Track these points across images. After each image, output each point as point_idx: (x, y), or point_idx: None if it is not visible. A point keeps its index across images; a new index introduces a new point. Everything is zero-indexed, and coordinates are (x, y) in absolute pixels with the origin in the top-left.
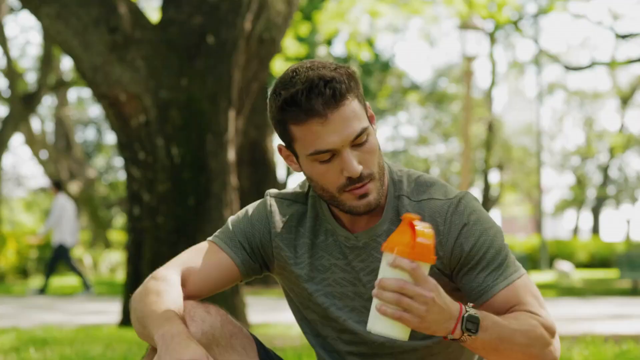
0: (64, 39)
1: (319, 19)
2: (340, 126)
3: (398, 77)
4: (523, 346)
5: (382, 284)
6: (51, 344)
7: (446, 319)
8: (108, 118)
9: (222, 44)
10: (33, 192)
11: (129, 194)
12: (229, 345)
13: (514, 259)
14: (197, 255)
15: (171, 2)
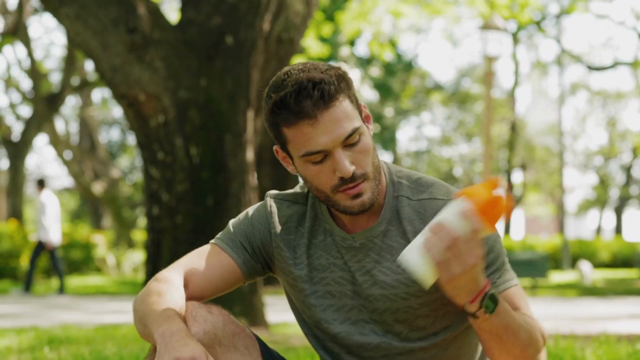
0: (83, 40)
1: (342, 20)
2: (331, 127)
3: (421, 77)
4: (523, 343)
5: (442, 226)
6: (67, 343)
7: (472, 289)
8: (127, 118)
9: (240, 45)
10: (58, 192)
11: (147, 193)
12: (231, 344)
13: (510, 267)
14: (199, 257)
15: (190, 3)
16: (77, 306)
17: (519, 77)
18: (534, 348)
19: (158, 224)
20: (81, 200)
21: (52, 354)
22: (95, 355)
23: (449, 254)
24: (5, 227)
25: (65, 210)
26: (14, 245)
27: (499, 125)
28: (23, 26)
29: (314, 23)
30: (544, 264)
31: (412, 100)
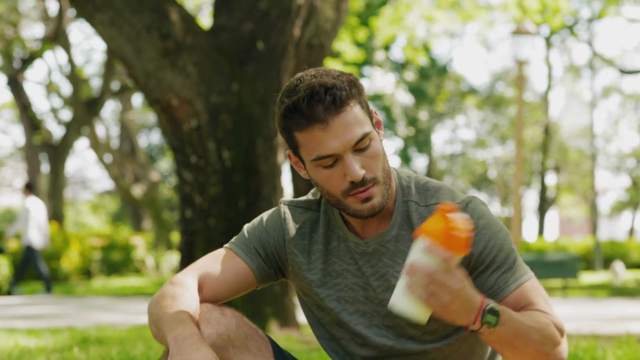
0: (117, 46)
1: (376, 25)
2: (341, 131)
3: (456, 81)
4: (536, 343)
5: (414, 267)
6: (99, 344)
7: (468, 310)
8: (160, 123)
9: (271, 50)
10: (99, 195)
11: (181, 196)
12: (244, 346)
13: (522, 261)
14: (213, 261)
15: (222, 9)
16: (115, 307)
17: (552, 81)
18: (549, 344)
19: (191, 227)
20: (122, 203)
21: (81, 354)
22: (123, 356)
23: (432, 288)
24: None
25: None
26: (55, 247)
27: (533, 128)
28: (63, 32)
29: (349, 28)
30: (574, 265)
31: (447, 104)
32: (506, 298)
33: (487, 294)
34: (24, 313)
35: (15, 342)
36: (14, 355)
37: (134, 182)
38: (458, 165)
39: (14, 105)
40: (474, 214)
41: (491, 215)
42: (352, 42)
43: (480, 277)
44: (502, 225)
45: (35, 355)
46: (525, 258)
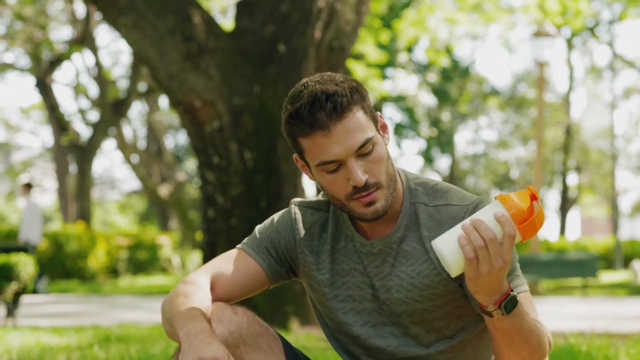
0: (141, 48)
1: (399, 27)
2: (344, 137)
3: (478, 82)
4: (531, 347)
5: (479, 225)
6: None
7: (494, 290)
8: (183, 124)
9: (292, 52)
10: (126, 195)
11: (203, 196)
12: (255, 344)
13: (520, 272)
14: (226, 261)
15: (244, 12)
16: (140, 305)
17: (573, 82)
18: (540, 353)
19: (213, 226)
20: (149, 203)
21: (101, 352)
22: (142, 354)
23: (480, 252)
24: (73, 228)
25: (134, 213)
26: (82, 246)
27: (554, 129)
28: (90, 35)
29: (372, 30)
30: (594, 264)
31: (470, 105)
32: None
33: None
34: (50, 311)
35: (36, 340)
36: (34, 353)
37: (161, 182)
38: (480, 166)
39: (42, 107)
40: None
41: None
42: (375, 44)
43: None
44: None
45: (56, 353)
46: (546, 257)
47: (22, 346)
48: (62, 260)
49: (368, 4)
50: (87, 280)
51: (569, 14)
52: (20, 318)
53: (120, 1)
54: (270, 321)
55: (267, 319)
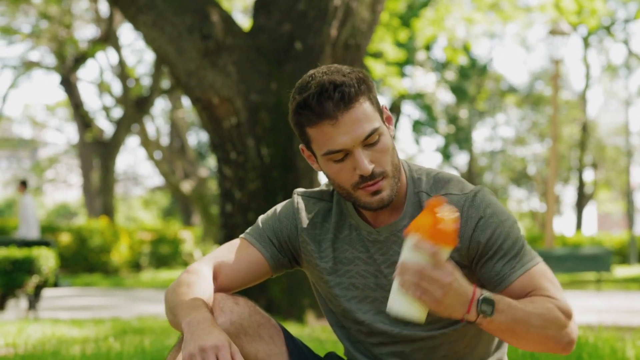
0: (160, 46)
1: (417, 26)
2: (351, 127)
3: (496, 80)
4: (539, 328)
5: (404, 266)
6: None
7: (462, 302)
8: (202, 120)
9: (309, 50)
10: (150, 191)
11: (221, 191)
12: (256, 334)
13: (529, 248)
14: (229, 251)
15: (262, 10)
16: (161, 299)
17: (589, 80)
18: (553, 327)
19: (231, 221)
20: (172, 198)
21: (116, 344)
22: (157, 345)
23: (423, 284)
24: (96, 223)
25: (158, 208)
26: (105, 241)
27: (571, 126)
28: (114, 33)
29: (391, 29)
30: (608, 259)
31: (488, 103)
32: (512, 284)
33: (494, 281)
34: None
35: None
36: (50, 344)
37: (184, 178)
38: (498, 162)
39: (67, 104)
40: (482, 203)
41: (498, 204)
42: (394, 43)
43: (487, 264)
44: (510, 213)
45: (72, 345)
46: (560, 252)
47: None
48: (86, 254)
49: (383, 3)
50: (110, 274)
51: (585, 13)
52: (42, 311)
53: (139, 0)
54: (286, 314)
55: (283, 312)
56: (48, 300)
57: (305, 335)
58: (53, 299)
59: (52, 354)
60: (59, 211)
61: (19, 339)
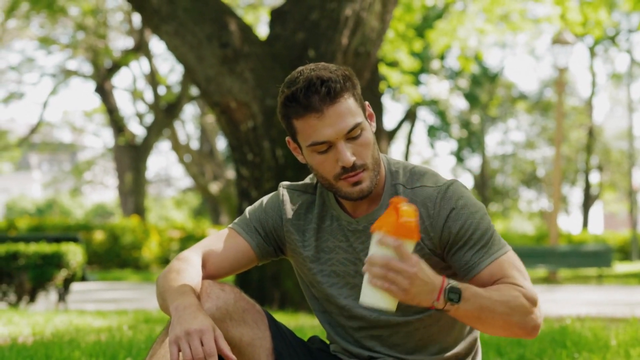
0: (181, 53)
1: (431, 37)
2: (335, 120)
3: (507, 87)
4: (504, 315)
5: (371, 260)
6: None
7: (429, 290)
8: (220, 124)
9: (321, 57)
10: (182, 192)
11: (238, 191)
12: (241, 319)
13: (499, 238)
14: (217, 240)
15: (277, 20)
16: None
17: (596, 87)
18: (518, 314)
19: None
20: (202, 199)
21: (128, 332)
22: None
23: (389, 278)
24: (128, 222)
25: (189, 208)
26: (136, 238)
27: (578, 131)
28: (145, 43)
29: (406, 39)
30: (608, 255)
31: (499, 109)
32: (481, 272)
33: (463, 269)
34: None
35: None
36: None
37: (213, 180)
38: (509, 165)
39: (104, 110)
40: (454, 195)
41: (470, 197)
42: (409, 53)
43: (458, 253)
44: (481, 205)
45: (88, 333)
46: (564, 249)
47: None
48: (118, 251)
49: (392, 13)
50: (141, 270)
51: (590, 24)
52: (72, 303)
53: (162, 10)
54: (299, 306)
55: (296, 304)
56: (78, 293)
57: (316, 325)
58: (83, 292)
59: (68, 341)
60: (96, 211)
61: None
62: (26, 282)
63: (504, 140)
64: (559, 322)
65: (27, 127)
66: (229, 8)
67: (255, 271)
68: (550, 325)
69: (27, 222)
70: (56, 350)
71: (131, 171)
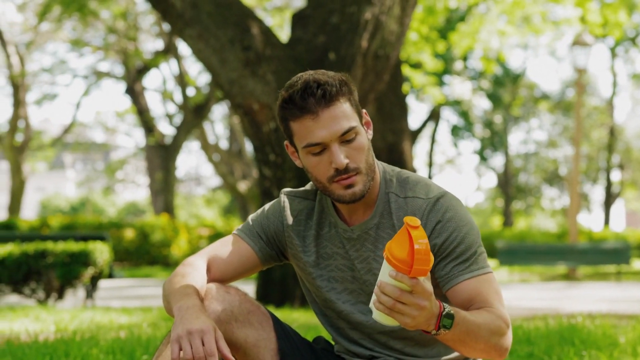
0: (204, 56)
1: (454, 39)
2: (329, 123)
3: (529, 88)
4: (485, 338)
5: (383, 288)
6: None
7: (430, 318)
8: (243, 125)
9: (341, 60)
10: (212, 190)
11: (261, 190)
12: (246, 320)
13: (484, 258)
14: (222, 245)
15: (299, 24)
16: None
17: (617, 87)
18: (496, 336)
19: None
20: (232, 197)
21: (148, 329)
22: None
23: (398, 307)
24: (158, 220)
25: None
26: (165, 236)
27: (599, 130)
28: (174, 46)
29: (429, 41)
30: (627, 252)
31: (522, 108)
32: (458, 285)
33: (442, 280)
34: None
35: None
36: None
37: (242, 178)
38: (532, 163)
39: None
40: (442, 207)
41: (460, 210)
42: (432, 54)
43: (439, 264)
44: (470, 220)
45: (109, 330)
46: (583, 246)
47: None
48: (148, 248)
49: (411, 16)
50: (170, 267)
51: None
52: (100, 300)
53: (186, 15)
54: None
55: None
56: (106, 290)
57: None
58: (111, 289)
59: (88, 339)
60: (128, 209)
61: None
62: (54, 279)
63: (527, 139)
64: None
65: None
66: (252, 12)
67: (277, 270)
68: (559, 323)
69: (60, 220)
70: (75, 348)
71: (161, 170)
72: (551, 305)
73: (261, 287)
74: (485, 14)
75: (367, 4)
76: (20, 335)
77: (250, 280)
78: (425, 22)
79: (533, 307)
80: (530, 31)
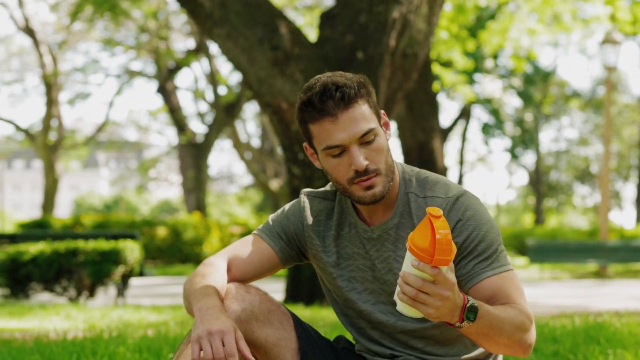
0: (233, 56)
1: (484, 37)
2: (349, 125)
3: (560, 86)
4: (508, 332)
5: (406, 279)
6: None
7: (454, 310)
8: (272, 124)
9: (370, 59)
10: (244, 188)
11: (290, 189)
12: (267, 320)
13: (505, 256)
14: (242, 245)
15: (327, 23)
16: None
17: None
18: (520, 332)
19: None
20: (264, 195)
21: (175, 327)
22: None
23: (421, 297)
24: (190, 218)
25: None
26: (197, 234)
27: (630, 127)
28: (205, 45)
29: (460, 40)
30: None
31: (553, 106)
32: (480, 283)
33: (464, 278)
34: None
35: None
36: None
37: (274, 177)
38: (563, 161)
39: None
40: (462, 206)
41: (480, 209)
42: (463, 53)
43: (460, 263)
44: (490, 218)
45: (138, 328)
46: (613, 244)
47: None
48: (180, 246)
49: (439, 15)
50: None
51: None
52: (131, 298)
53: (214, 14)
54: None
55: None
56: (138, 288)
57: None
58: (143, 287)
59: (115, 337)
60: (162, 207)
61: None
62: (85, 277)
63: (558, 137)
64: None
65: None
66: (280, 12)
67: (307, 268)
68: (585, 321)
69: (93, 218)
70: (102, 346)
71: (193, 168)
72: (581, 303)
73: (290, 285)
74: (515, 12)
75: (395, 3)
76: (49, 333)
77: (280, 278)
78: (455, 21)
79: (562, 305)
80: (560, 29)
